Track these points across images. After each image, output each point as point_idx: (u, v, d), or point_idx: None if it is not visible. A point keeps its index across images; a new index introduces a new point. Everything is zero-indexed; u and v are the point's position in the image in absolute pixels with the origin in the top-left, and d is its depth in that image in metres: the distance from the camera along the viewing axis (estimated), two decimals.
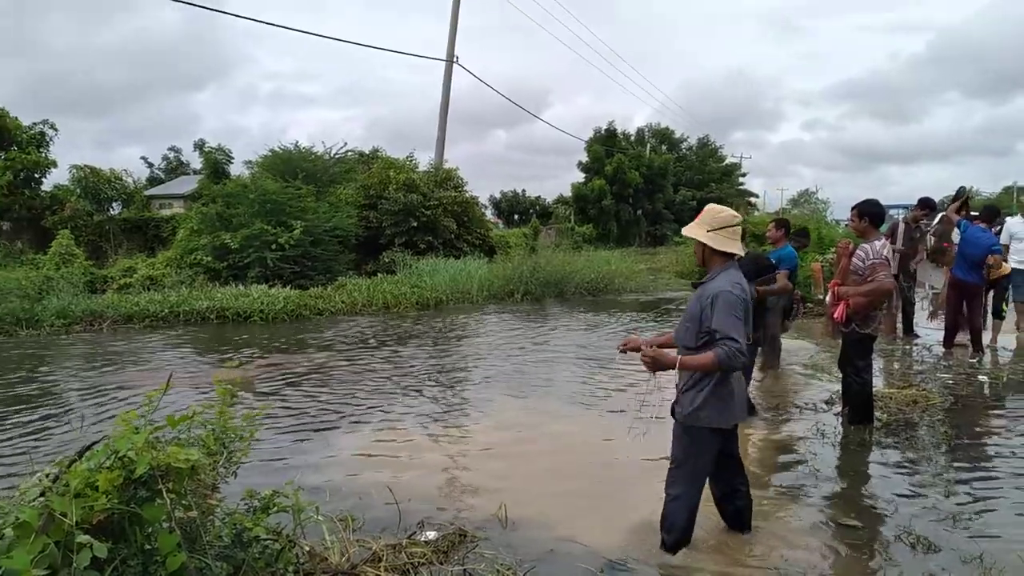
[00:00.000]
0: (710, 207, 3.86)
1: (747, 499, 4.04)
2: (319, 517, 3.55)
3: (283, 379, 8.77)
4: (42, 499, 2.49)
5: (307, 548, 3.14)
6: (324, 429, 6.59)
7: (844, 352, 6.13)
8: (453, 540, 3.95)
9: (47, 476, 2.66)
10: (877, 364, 8.02)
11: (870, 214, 5.87)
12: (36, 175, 24.01)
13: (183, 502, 2.72)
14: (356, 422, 6.82)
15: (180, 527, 2.66)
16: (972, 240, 9.15)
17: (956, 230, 9.55)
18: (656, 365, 3.52)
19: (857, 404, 6.07)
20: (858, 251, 5.87)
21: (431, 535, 4.01)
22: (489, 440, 6.13)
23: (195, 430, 3.18)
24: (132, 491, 2.58)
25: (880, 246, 5.73)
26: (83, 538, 2.36)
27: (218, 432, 3.09)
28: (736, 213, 3.77)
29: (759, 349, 6.54)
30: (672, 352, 3.63)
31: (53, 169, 24.66)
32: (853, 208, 5.99)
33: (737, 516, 4.05)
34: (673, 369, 3.51)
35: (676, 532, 3.78)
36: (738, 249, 3.70)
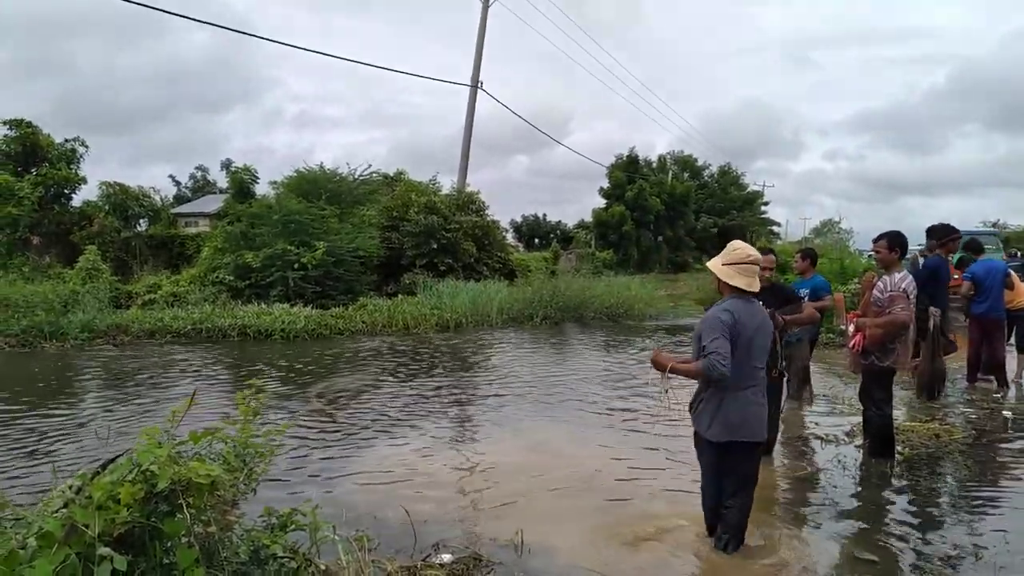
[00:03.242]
0: (732, 243, 4.30)
1: (730, 522, 4.19)
2: (335, 537, 3.57)
3: (303, 398, 8.82)
4: (65, 510, 2.53)
5: (323, 567, 3.15)
6: (342, 448, 6.62)
7: (864, 385, 6.07)
8: (468, 564, 3.94)
9: (70, 488, 2.70)
10: (898, 396, 7.92)
11: (901, 245, 5.85)
12: (66, 191, 24.44)
13: (203, 517, 2.74)
14: (374, 442, 6.84)
15: (199, 542, 2.68)
16: (985, 272, 9.05)
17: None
18: (657, 364, 4.23)
19: (877, 437, 5.99)
20: (878, 283, 5.83)
21: (446, 558, 4.00)
22: (507, 463, 6.12)
23: (216, 446, 3.21)
24: (153, 505, 2.61)
25: (900, 279, 5.70)
26: (104, 550, 2.39)
27: (238, 449, 3.12)
28: (754, 254, 4.19)
29: (786, 381, 6.44)
30: (672, 357, 4.24)
31: (83, 185, 25.13)
32: (881, 238, 5.92)
33: (718, 534, 4.27)
34: (666, 371, 4.13)
35: (704, 502, 4.39)
36: (745, 285, 4.10)
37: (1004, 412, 7.77)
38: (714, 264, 4.23)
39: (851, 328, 6.60)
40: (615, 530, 4.66)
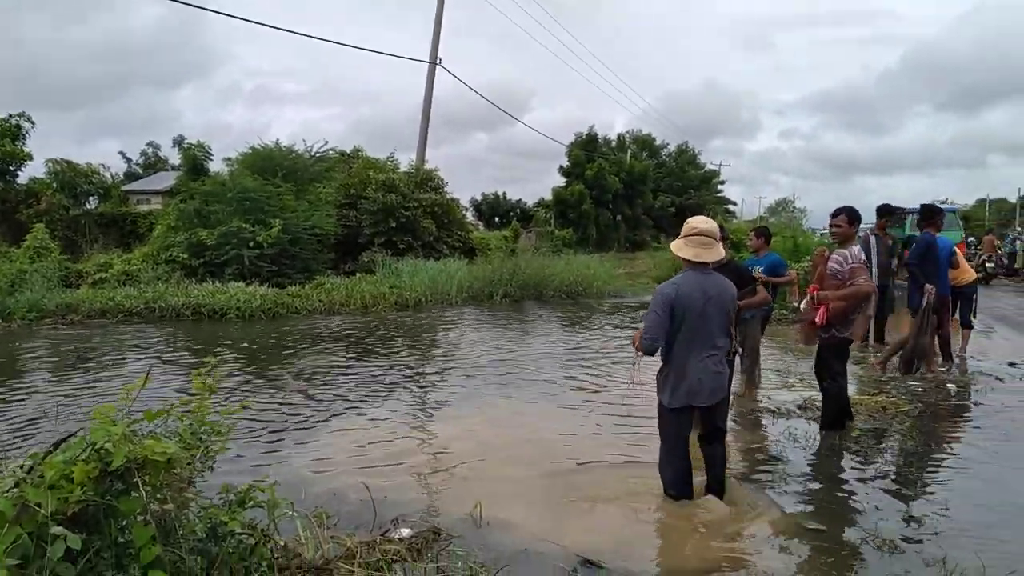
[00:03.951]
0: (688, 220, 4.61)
1: (712, 462, 4.63)
2: (294, 513, 3.57)
3: (261, 377, 8.75)
4: (16, 490, 2.48)
5: (282, 543, 3.15)
6: (301, 426, 6.60)
7: (821, 357, 6.20)
8: (427, 538, 3.97)
9: (22, 467, 2.65)
10: (849, 370, 8.14)
11: (858, 220, 6.09)
12: (12, 167, 23.64)
13: (159, 495, 2.72)
14: (334, 420, 6.83)
15: (155, 520, 2.66)
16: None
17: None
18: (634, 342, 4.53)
19: (833, 409, 6.16)
20: (835, 256, 5.97)
21: (405, 532, 4.02)
22: (467, 439, 6.15)
23: (172, 424, 3.18)
24: (108, 483, 2.58)
25: (858, 251, 5.88)
26: (57, 529, 2.36)
27: (195, 427, 3.09)
28: (700, 226, 4.45)
29: (739, 357, 6.57)
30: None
31: (29, 162, 24.33)
32: (840, 212, 6.06)
33: (712, 482, 4.62)
34: (634, 346, 4.50)
35: (667, 484, 4.58)
36: (692, 256, 4.37)
37: (948, 385, 8.03)
38: (672, 244, 4.60)
39: (803, 304, 6.76)
40: (574, 503, 4.73)
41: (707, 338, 4.34)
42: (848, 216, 6.06)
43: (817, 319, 5.86)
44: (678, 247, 4.47)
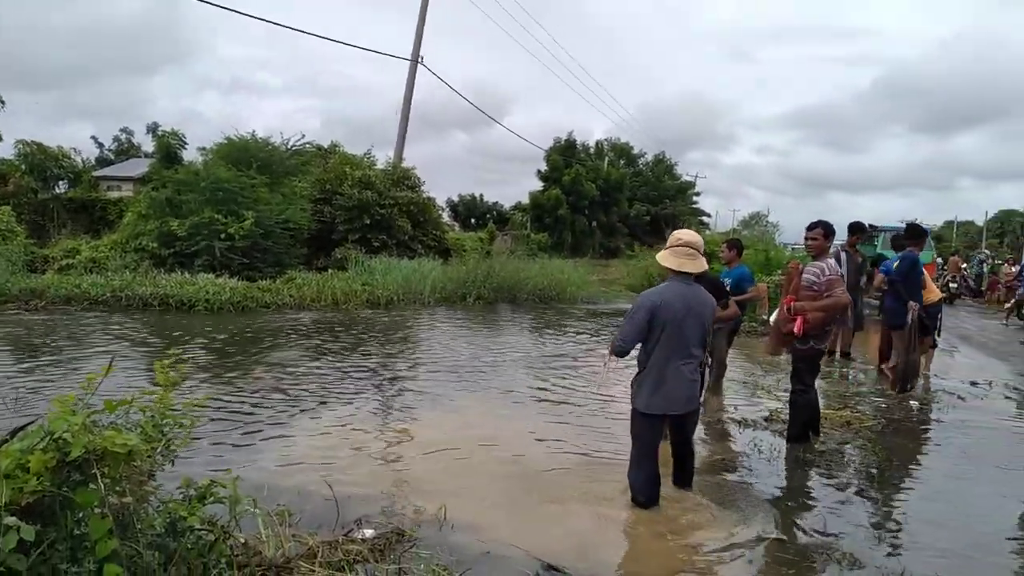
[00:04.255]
0: (674, 231, 4.81)
1: (685, 463, 4.93)
2: (255, 510, 3.53)
3: (226, 371, 8.64)
4: None
5: (242, 540, 3.10)
6: (268, 422, 6.52)
7: (796, 368, 6.26)
8: (390, 539, 3.94)
9: None
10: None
11: (833, 233, 6.23)
12: None
13: (117, 488, 2.67)
14: (301, 417, 6.76)
15: (113, 513, 2.61)
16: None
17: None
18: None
19: (800, 420, 6.23)
20: (810, 268, 6.05)
21: (368, 533, 3.99)
22: (432, 440, 6.12)
23: (134, 415, 3.12)
24: (65, 474, 2.53)
25: (834, 263, 5.99)
26: (10, 520, 2.31)
27: (157, 418, 3.04)
28: (684, 237, 4.61)
29: (708, 370, 6.62)
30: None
31: None
32: (816, 226, 6.17)
33: (677, 472, 4.95)
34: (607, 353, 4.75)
35: (635, 490, 4.65)
36: (675, 265, 4.52)
37: (912, 402, 8.16)
38: (658, 255, 4.72)
39: (774, 316, 6.83)
40: (538, 505, 4.74)
41: (684, 347, 4.46)
42: (824, 230, 6.18)
43: (796, 329, 5.91)
44: (663, 257, 4.60)
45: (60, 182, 25.80)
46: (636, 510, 4.65)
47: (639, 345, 4.56)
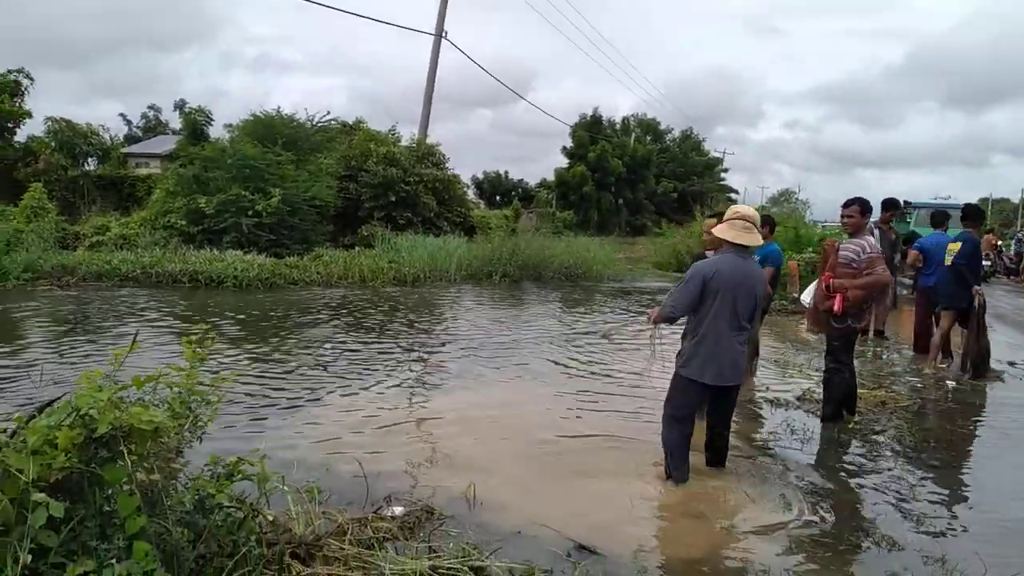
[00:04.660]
0: (729, 208, 4.88)
1: (722, 446, 4.88)
2: (284, 487, 3.50)
3: (257, 347, 8.67)
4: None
5: (271, 518, 3.07)
6: (296, 400, 6.52)
7: (832, 347, 6.12)
8: (420, 517, 3.91)
9: (4, 432, 2.57)
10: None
11: (870, 211, 6.05)
12: (10, 125, 23.33)
13: (145, 464, 2.64)
14: (329, 394, 6.75)
15: (141, 490, 2.58)
16: (934, 246, 9.21)
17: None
18: (650, 317, 4.83)
19: (835, 400, 6.10)
20: (849, 245, 5.90)
21: (398, 511, 3.96)
22: (463, 417, 6.08)
23: (161, 392, 3.09)
24: (93, 451, 2.49)
25: (875, 241, 5.84)
26: (39, 496, 2.28)
27: (184, 395, 3.00)
28: (741, 210, 4.70)
29: None
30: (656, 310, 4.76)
31: (28, 120, 24.00)
32: (852, 203, 6.03)
33: (712, 451, 4.87)
34: (653, 322, 4.83)
35: (669, 451, 4.67)
36: (731, 237, 4.52)
37: (948, 382, 7.97)
38: (715, 229, 4.77)
39: (804, 294, 6.69)
40: (569, 484, 4.68)
41: (735, 318, 4.48)
42: (860, 207, 6.04)
43: (835, 308, 5.77)
44: (722, 230, 4.61)
45: (89, 159, 25.97)
46: (669, 488, 4.60)
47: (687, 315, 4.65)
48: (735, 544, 3.91)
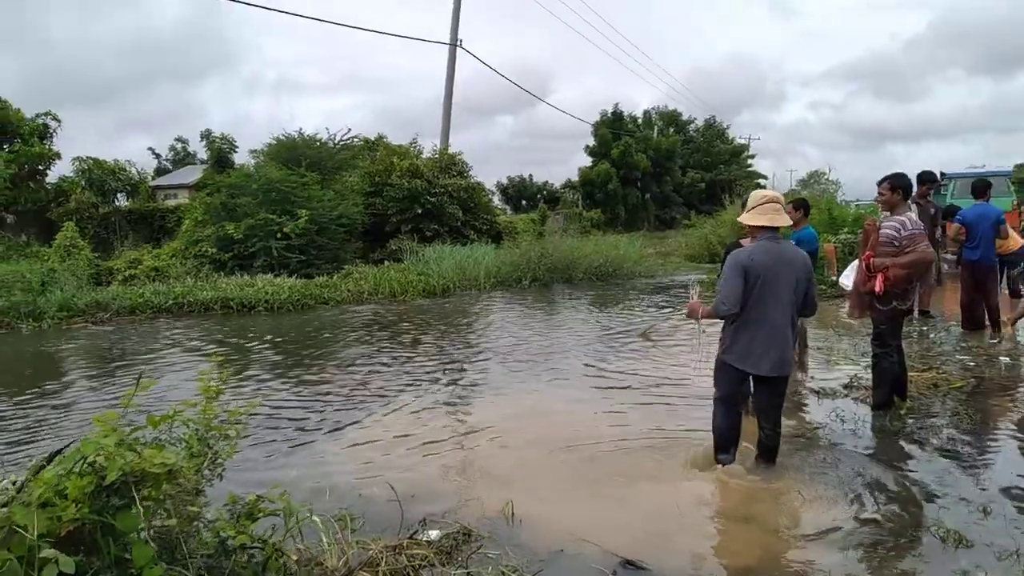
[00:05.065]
0: (750, 194, 4.73)
1: (772, 444, 4.62)
2: (315, 518, 3.37)
3: (288, 370, 8.60)
4: (4, 510, 2.30)
5: (294, 558, 2.92)
6: (329, 421, 6.41)
7: (879, 331, 5.83)
8: (457, 539, 3.75)
9: (13, 483, 2.47)
10: None
11: (903, 187, 5.72)
12: (41, 167, 23.77)
13: (161, 509, 2.52)
14: (362, 413, 6.63)
15: (158, 537, 2.47)
16: (976, 217, 8.85)
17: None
18: (690, 312, 4.66)
19: (885, 386, 5.83)
20: (890, 223, 5.62)
21: (434, 534, 3.81)
22: (498, 430, 5.91)
23: (179, 430, 2.98)
24: (104, 499, 2.38)
25: (916, 218, 5.56)
26: (48, 552, 2.17)
27: (201, 432, 2.88)
28: (767, 194, 4.57)
29: None
30: (700, 304, 4.59)
31: (57, 161, 24.44)
32: (884, 180, 5.76)
33: (761, 449, 4.66)
34: (693, 315, 4.63)
35: (716, 435, 4.67)
36: (767, 221, 4.39)
37: (1001, 358, 7.64)
38: (741, 218, 4.63)
39: (842, 277, 6.41)
40: (612, 495, 4.50)
41: (778, 305, 4.34)
42: (890, 183, 5.75)
43: (876, 288, 5.51)
44: (751, 217, 4.49)
45: (119, 195, 26.38)
46: (714, 492, 4.42)
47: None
48: (791, 549, 3.69)
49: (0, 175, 20.45)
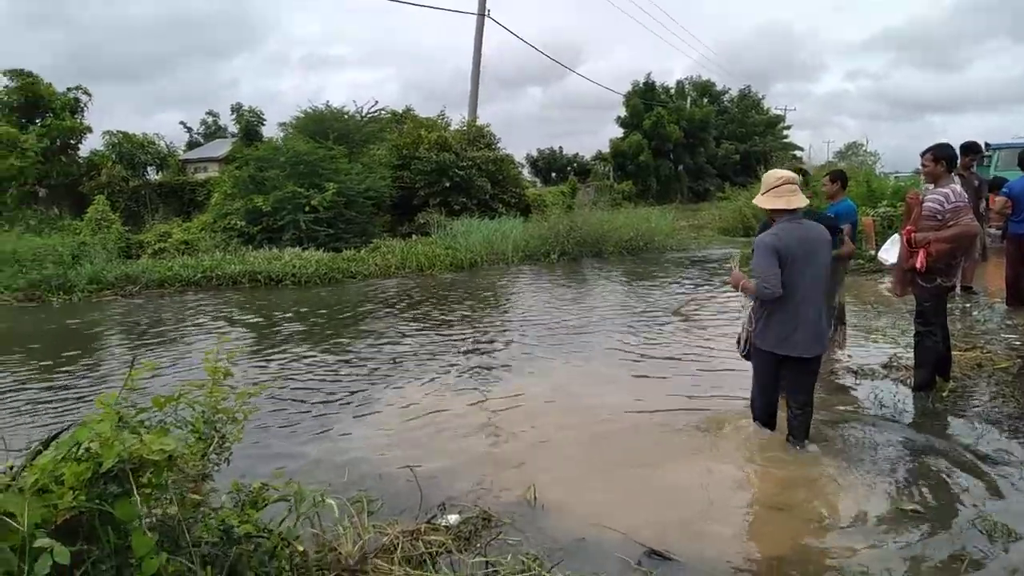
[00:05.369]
0: (764, 175, 4.63)
1: (802, 424, 4.54)
2: (330, 501, 3.26)
3: (315, 346, 8.53)
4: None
5: (300, 548, 2.80)
6: (352, 399, 6.31)
7: (922, 309, 5.56)
8: (476, 525, 3.63)
9: (10, 469, 2.37)
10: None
11: (946, 158, 5.38)
12: (72, 141, 23.95)
13: (164, 496, 2.41)
14: (386, 390, 6.53)
15: (159, 525, 2.36)
16: (1021, 189, 8.46)
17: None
18: (734, 283, 4.66)
19: (927, 366, 5.58)
20: (933, 195, 5.32)
21: (453, 519, 3.69)
22: (523, 410, 5.78)
23: (186, 412, 2.87)
24: (102, 486, 2.27)
25: (960, 190, 5.24)
26: (44, 541, 2.06)
27: (208, 415, 2.77)
28: (783, 174, 4.47)
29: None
30: (744, 278, 4.55)
31: (89, 135, 24.59)
32: (927, 152, 5.45)
33: (791, 428, 4.57)
34: (738, 288, 4.65)
35: (755, 412, 4.78)
36: (784, 204, 4.33)
37: None
38: (757, 201, 4.56)
39: (881, 252, 6.14)
40: (638, 475, 4.36)
41: (811, 284, 4.30)
42: (933, 154, 5.42)
43: (918, 264, 5.24)
44: (767, 201, 4.43)
45: (149, 168, 26.51)
46: (746, 478, 4.25)
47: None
48: (827, 540, 3.51)
49: (32, 149, 20.58)
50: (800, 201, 4.36)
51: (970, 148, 9.73)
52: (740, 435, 4.87)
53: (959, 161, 9.25)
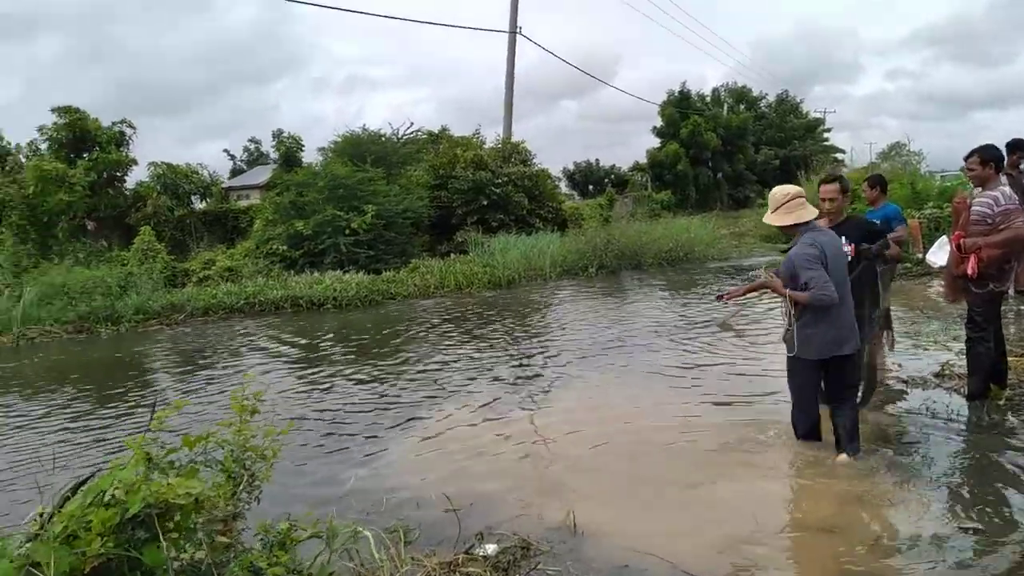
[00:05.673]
0: (770, 193, 4.69)
1: (848, 426, 4.46)
2: (367, 533, 3.22)
3: (349, 372, 8.55)
4: (28, 545, 2.20)
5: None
6: (387, 422, 6.29)
7: (974, 316, 5.33)
8: (515, 555, 3.55)
9: (41, 515, 2.37)
10: None
11: (994, 159, 5.20)
12: (118, 174, 24.52)
13: (192, 539, 2.39)
14: (420, 414, 6.48)
15: (190, 568, 2.34)
16: None
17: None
18: (772, 286, 4.55)
19: (985, 371, 5.34)
20: (981, 199, 5.12)
21: (491, 549, 3.61)
22: (565, 431, 5.65)
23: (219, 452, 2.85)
24: (130, 531, 2.26)
25: (1011, 192, 5.03)
26: None
27: (237, 453, 2.75)
28: (790, 190, 4.57)
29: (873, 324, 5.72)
30: (779, 282, 4.50)
31: (134, 167, 25.14)
32: (972, 154, 5.25)
33: (839, 439, 4.49)
34: (786, 296, 4.44)
35: (796, 428, 4.72)
36: (796, 219, 4.42)
37: None
38: (768, 219, 4.63)
39: (929, 255, 5.95)
40: (682, 497, 4.24)
41: (843, 287, 4.38)
42: (980, 156, 5.21)
43: (968, 270, 5.03)
44: (777, 218, 4.53)
45: (193, 197, 27.01)
46: (794, 497, 4.11)
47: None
48: (881, 562, 3.35)
49: (80, 183, 21.12)
50: (810, 213, 4.43)
51: (1017, 146, 9.37)
52: (786, 450, 4.73)
53: (1006, 160, 8.95)
